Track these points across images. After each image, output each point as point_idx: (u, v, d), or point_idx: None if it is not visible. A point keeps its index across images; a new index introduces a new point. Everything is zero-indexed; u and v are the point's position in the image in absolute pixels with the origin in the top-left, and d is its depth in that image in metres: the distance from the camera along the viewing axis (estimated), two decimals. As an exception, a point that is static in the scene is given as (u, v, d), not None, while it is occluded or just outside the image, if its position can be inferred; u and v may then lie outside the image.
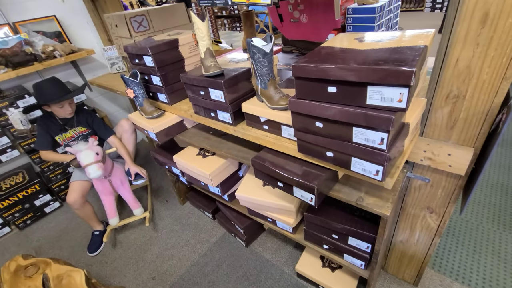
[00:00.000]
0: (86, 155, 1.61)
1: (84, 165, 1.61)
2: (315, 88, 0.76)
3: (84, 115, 1.89)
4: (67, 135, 1.85)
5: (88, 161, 1.61)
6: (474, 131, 0.88)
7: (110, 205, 1.84)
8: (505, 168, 2.02)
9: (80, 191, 1.77)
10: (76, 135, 1.88)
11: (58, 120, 1.80)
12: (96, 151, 1.65)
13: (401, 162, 0.86)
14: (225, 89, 1.09)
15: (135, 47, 1.39)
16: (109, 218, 1.86)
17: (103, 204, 1.84)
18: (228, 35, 7.63)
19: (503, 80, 0.76)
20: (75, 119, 1.85)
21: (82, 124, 1.89)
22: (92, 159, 1.62)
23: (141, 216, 1.96)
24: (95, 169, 1.61)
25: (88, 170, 1.60)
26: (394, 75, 0.62)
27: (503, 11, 0.69)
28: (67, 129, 1.85)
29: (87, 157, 1.61)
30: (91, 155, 1.63)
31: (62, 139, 1.85)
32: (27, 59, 1.94)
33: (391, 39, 0.81)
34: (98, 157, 1.65)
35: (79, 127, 1.88)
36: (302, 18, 1.51)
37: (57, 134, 1.83)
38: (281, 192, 1.30)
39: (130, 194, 1.89)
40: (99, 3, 2.25)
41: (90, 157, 1.62)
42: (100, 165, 1.64)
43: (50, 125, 1.79)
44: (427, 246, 1.25)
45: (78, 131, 1.89)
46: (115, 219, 1.87)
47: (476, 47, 0.76)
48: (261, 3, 0.96)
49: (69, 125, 1.85)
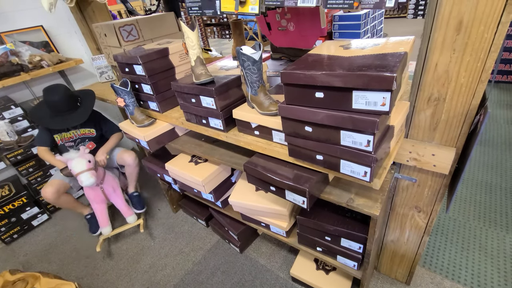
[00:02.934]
0: (77, 163, 1.59)
1: (76, 173, 1.59)
2: (303, 94, 0.79)
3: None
4: (67, 135, 1.84)
5: (80, 169, 1.59)
6: (455, 131, 0.92)
7: (102, 213, 1.82)
8: (488, 167, 2.10)
9: (56, 187, 1.74)
10: (76, 137, 1.86)
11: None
12: (87, 159, 1.63)
13: (388, 163, 0.89)
14: (216, 96, 1.11)
15: (125, 56, 1.40)
16: (101, 227, 1.83)
17: (94, 212, 1.82)
18: (217, 42, 7.70)
19: (479, 83, 0.81)
20: None
21: (86, 125, 1.86)
22: (84, 166, 1.60)
23: (134, 223, 1.93)
24: (87, 177, 1.59)
25: (80, 178, 1.58)
26: (377, 80, 0.65)
27: (475, 19, 0.73)
28: (68, 129, 1.84)
29: (78, 165, 1.59)
30: (83, 162, 1.61)
31: (60, 138, 1.83)
32: (13, 69, 1.91)
33: (374, 46, 0.85)
34: (90, 164, 1.63)
35: (82, 128, 1.87)
36: (290, 27, 1.56)
37: (57, 132, 1.82)
38: (274, 197, 1.32)
39: (122, 202, 1.87)
40: (87, 13, 2.24)
41: (82, 165, 1.60)
42: (92, 173, 1.62)
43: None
44: (417, 244, 1.28)
45: (79, 133, 1.87)
46: (108, 228, 1.84)
47: (453, 52, 0.80)
48: (249, 13, 0.98)
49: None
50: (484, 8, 0.71)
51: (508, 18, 0.70)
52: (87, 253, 1.94)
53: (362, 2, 0.73)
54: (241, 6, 0.97)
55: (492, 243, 1.57)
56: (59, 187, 1.76)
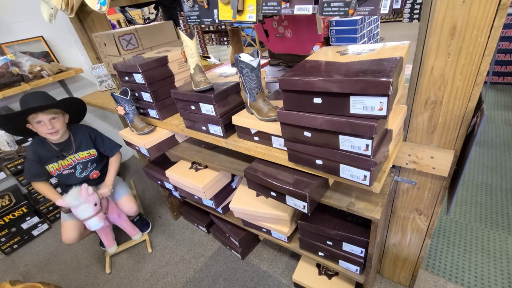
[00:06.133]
0: (84, 210, 1.47)
1: (83, 219, 1.49)
2: (302, 99, 0.80)
3: (82, 131, 1.68)
4: (64, 163, 1.63)
5: (88, 215, 1.48)
6: (453, 134, 0.93)
7: (108, 236, 1.81)
8: (488, 168, 2.11)
9: (77, 231, 1.66)
10: (74, 162, 1.65)
11: (53, 146, 1.57)
12: (93, 202, 1.50)
13: (387, 167, 0.89)
14: (215, 103, 1.12)
15: (124, 65, 1.42)
16: (107, 247, 1.84)
17: (99, 236, 1.82)
18: (216, 49, 7.77)
19: (475, 86, 0.82)
20: (73, 144, 1.63)
21: (83, 147, 1.67)
22: (92, 212, 1.48)
23: (140, 240, 1.96)
24: (96, 222, 1.49)
25: (88, 224, 1.48)
26: (374, 85, 0.66)
27: (468, 23, 0.75)
28: (64, 156, 1.61)
29: (85, 211, 1.47)
30: (90, 208, 1.48)
31: (57, 167, 1.61)
32: (13, 80, 1.93)
33: (370, 51, 0.87)
34: (97, 208, 1.52)
35: (80, 152, 1.66)
36: (287, 33, 1.58)
37: (52, 162, 1.59)
38: (274, 202, 1.32)
39: (128, 224, 1.86)
40: (87, 23, 2.27)
41: (89, 211, 1.48)
42: (100, 216, 1.52)
43: (41, 153, 1.56)
44: (419, 247, 1.28)
45: (78, 158, 1.66)
46: (114, 247, 1.85)
47: (448, 56, 0.82)
48: (246, 21, 1.00)
49: (67, 150, 1.62)
50: (477, 13, 0.73)
51: (500, 23, 0.71)
52: (88, 262, 1.93)
53: (357, 9, 0.75)
54: (238, 14, 0.98)
55: (495, 245, 1.56)
56: (80, 230, 1.68)
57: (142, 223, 2.05)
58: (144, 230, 2.03)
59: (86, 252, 2.01)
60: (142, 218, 2.10)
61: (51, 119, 1.48)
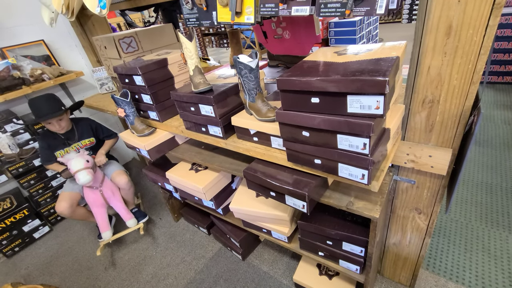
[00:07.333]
0: (76, 162, 1.67)
1: (74, 172, 1.65)
2: (300, 99, 0.81)
3: (84, 123, 1.97)
4: (69, 150, 1.89)
5: (78, 167, 1.66)
6: (451, 133, 0.94)
7: (102, 217, 1.85)
8: (488, 167, 2.11)
9: (69, 201, 1.79)
10: (78, 149, 1.91)
11: (59, 135, 1.86)
12: (86, 159, 1.71)
13: (385, 166, 0.90)
14: (214, 104, 1.12)
15: (125, 68, 1.43)
16: (101, 232, 1.85)
17: (94, 217, 1.85)
18: (216, 51, 7.80)
19: (471, 85, 0.83)
20: (76, 133, 1.91)
21: (84, 136, 1.95)
22: (82, 165, 1.67)
23: (135, 227, 1.94)
24: (84, 174, 1.64)
25: (77, 176, 1.64)
26: (370, 84, 0.67)
27: (463, 23, 0.76)
28: (70, 143, 1.90)
29: (77, 164, 1.67)
30: (81, 162, 1.68)
31: (63, 154, 1.87)
32: (15, 83, 1.94)
33: (367, 51, 0.88)
34: (88, 164, 1.70)
35: (82, 140, 1.94)
36: (285, 35, 1.59)
37: (59, 149, 1.87)
38: (274, 202, 1.32)
39: (122, 205, 1.90)
40: (87, 26, 2.29)
41: (80, 164, 1.67)
42: (89, 171, 1.68)
43: (50, 141, 1.85)
44: (419, 246, 1.28)
45: (81, 145, 1.94)
46: (108, 233, 1.86)
47: (444, 56, 0.82)
48: (245, 23, 1.01)
49: (71, 139, 1.91)
50: (472, 13, 0.73)
51: (495, 22, 0.72)
52: (89, 264, 1.93)
53: (353, 10, 0.76)
54: (237, 16, 1.00)
55: (495, 244, 1.56)
56: (72, 200, 1.81)
57: (139, 214, 2.06)
58: (140, 219, 2.01)
59: (87, 254, 2.01)
60: (140, 210, 2.11)
61: (58, 120, 1.78)
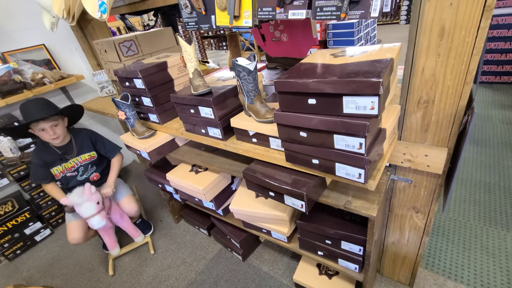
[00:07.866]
0: (87, 208, 1.52)
1: (86, 218, 1.53)
2: (297, 101, 0.83)
3: (83, 135, 1.76)
4: (67, 165, 1.70)
5: (91, 213, 1.53)
6: (446, 132, 0.95)
7: (110, 238, 1.82)
8: (486, 166, 2.12)
9: (82, 231, 1.70)
10: (77, 165, 1.73)
11: (55, 149, 1.64)
12: (96, 201, 1.55)
13: (382, 165, 0.92)
14: (214, 106, 1.14)
15: (125, 71, 1.45)
16: (110, 250, 1.85)
17: (102, 238, 1.83)
18: (215, 54, 7.84)
19: (465, 85, 0.85)
20: (74, 147, 1.70)
21: (84, 150, 1.74)
22: (94, 210, 1.53)
23: (142, 242, 1.97)
24: (98, 220, 1.53)
25: (91, 222, 1.53)
26: (365, 86, 0.68)
27: (456, 25, 0.78)
28: (67, 159, 1.68)
29: (88, 209, 1.52)
30: (92, 206, 1.53)
31: (61, 170, 1.69)
32: (16, 87, 1.97)
33: (362, 53, 0.90)
34: (99, 206, 1.56)
35: (82, 155, 1.74)
36: (283, 37, 1.61)
37: (56, 165, 1.66)
38: (274, 202, 1.34)
39: (130, 225, 1.88)
40: (87, 30, 2.32)
41: (92, 209, 1.53)
42: (103, 215, 1.57)
43: (45, 156, 1.63)
44: (417, 245, 1.29)
45: (80, 160, 1.73)
46: (116, 250, 1.87)
47: (438, 57, 0.84)
48: (243, 26, 1.03)
49: (69, 153, 1.69)
50: (464, 15, 0.75)
51: (486, 23, 0.74)
52: (91, 266, 1.94)
53: (348, 13, 0.78)
54: (235, 20, 1.02)
55: (493, 242, 1.58)
56: (84, 228, 1.71)
57: (144, 225, 2.07)
58: (146, 232, 2.05)
59: (89, 256, 2.02)
60: (144, 221, 2.12)
61: (52, 125, 1.56)
